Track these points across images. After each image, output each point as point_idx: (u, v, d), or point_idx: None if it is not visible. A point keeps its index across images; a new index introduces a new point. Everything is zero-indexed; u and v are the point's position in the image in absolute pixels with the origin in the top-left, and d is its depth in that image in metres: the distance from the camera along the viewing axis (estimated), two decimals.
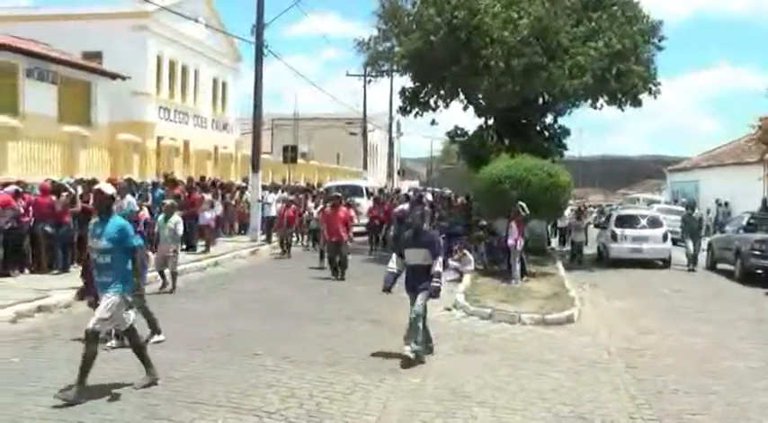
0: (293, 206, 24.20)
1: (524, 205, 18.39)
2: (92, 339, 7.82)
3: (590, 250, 26.82)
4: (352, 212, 20.64)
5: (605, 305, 16.05)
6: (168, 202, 16.57)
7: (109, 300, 7.93)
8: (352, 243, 19.59)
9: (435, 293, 10.16)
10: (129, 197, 17.43)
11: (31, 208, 16.36)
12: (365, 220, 27.04)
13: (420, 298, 10.04)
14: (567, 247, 28.13)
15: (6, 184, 16.71)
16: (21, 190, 16.28)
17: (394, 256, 10.64)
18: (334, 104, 56.30)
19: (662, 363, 10.64)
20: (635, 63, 24.55)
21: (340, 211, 18.76)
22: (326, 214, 19.35)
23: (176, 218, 15.62)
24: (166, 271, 15.49)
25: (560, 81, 22.89)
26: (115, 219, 8.18)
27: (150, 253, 14.54)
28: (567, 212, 28.40)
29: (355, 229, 20.93)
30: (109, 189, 8.35)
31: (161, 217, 15.79)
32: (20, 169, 20.89)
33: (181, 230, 15.82)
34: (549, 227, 29.79)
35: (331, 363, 9.56)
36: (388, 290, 10.43)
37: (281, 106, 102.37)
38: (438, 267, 10.14)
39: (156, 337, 10.34)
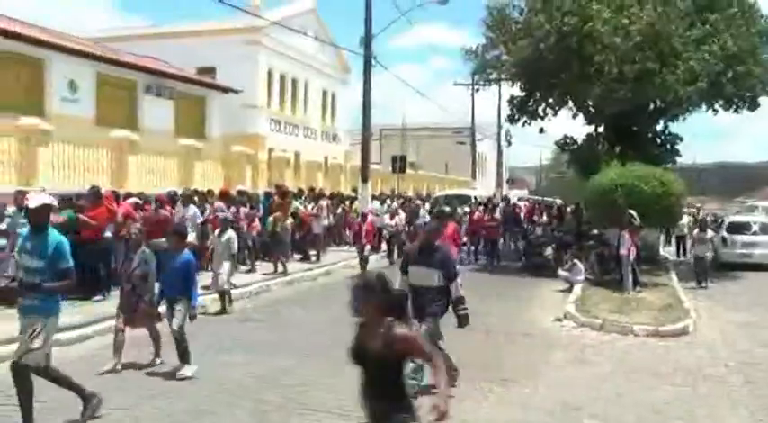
0: (370, 218, 22.32)
1: (635, 214, 18.03)
2: (21, 373, 6.87)
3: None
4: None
5: (722, 317, 15.50)
6: (222, 216, 15.99)
7: (38, 328, 6.84)
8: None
9: (465, 321, 8.84)
10: (192, 208, 17.26)
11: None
12: None
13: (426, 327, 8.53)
14: (683, 258, 27.45)
15: (128, 196, 17.37)
16: (140, 202, 16.89)
17: (400, 274, 9.08)
18: (441, 114, 56.45)
19: None
20: (753, 64, 23.73)
21: (448, 228, 16.21)
22: None
23: (230, 233, 14.49)
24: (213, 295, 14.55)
25: (674, 87, 22.33)
26: (51, 234, 7.01)
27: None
28: (685, 220, 27.77)
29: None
30: (36, 202, 7.05)
31: (216, 232, 15.02)
32: (139, 181, 21.69)
33: (235, 248, 14.47)
34: (663, 236, 29.09)
35: None
36: None
37: (389, 116, 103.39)
38: (459, 291, 8.73)
39: (189, 369, 9.34)
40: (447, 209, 18.89)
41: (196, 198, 18.96)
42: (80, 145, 20.79)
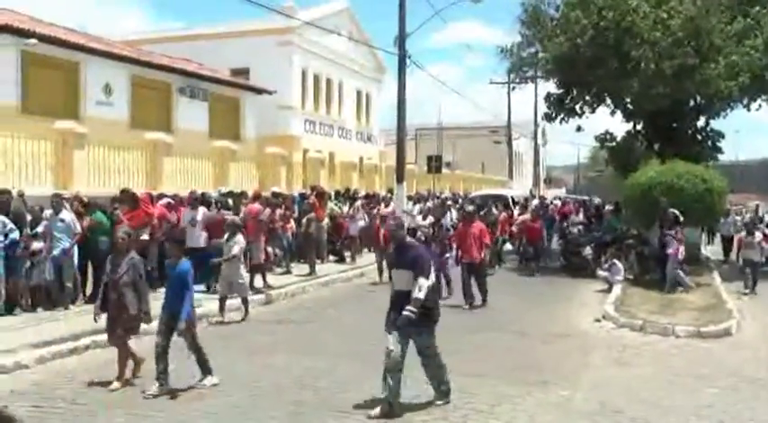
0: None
1: (677, 212, 17.74)
2: None
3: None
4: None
5: (766, 317, 15.10)
6: (230, 218, 15.23)
7: None
8: (487, 263, 16.64)
9: (400, 322, 7.67)
10: (202, 209, 16.78)
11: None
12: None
13: (398, 338, 7.76)
14: (727, 258, 26.89)
15: (160, 197, 17.39)
16: (173, 202, 16.92)
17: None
18: (477, 113, 56.30)
19: None
20: None
21: (473, 228, 15.82)
22: (459, 232, 16.60)
23: (237, 238, 13.65)
24: (231, 301, 13.79)
25: (714, 82, 21.91)
26: None
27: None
28: (731, 219, 27.21)
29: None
30: None
31: (225, 237, 14.04)
32: (174, 183, 21.74)
33: (235, 250, 13.54)
34: (705, 235, 28.56)
35: (477, 373, 9.39)
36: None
37: (425, 116, 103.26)
38: (418, 293, 7.68)
39: (210, 380, 8.88)
40: (470, 208, 18.21)
41: (230, 200, 19.02)
42: (115, 147, 20.86)
